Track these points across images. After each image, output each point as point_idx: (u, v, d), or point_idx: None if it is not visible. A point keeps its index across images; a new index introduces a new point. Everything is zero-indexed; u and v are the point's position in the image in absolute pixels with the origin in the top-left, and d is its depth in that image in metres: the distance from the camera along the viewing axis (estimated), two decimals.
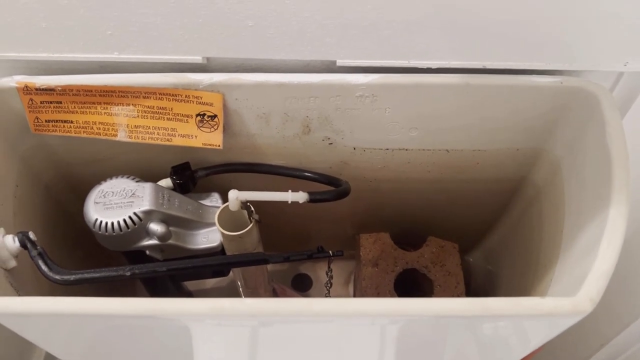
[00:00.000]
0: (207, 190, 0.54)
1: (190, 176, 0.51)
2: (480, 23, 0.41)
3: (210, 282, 0.67)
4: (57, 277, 0.40)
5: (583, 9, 0.39)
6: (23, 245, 0.41)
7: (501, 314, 0.34)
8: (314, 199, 0.46)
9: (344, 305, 0.33)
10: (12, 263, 0.41)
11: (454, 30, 0.42)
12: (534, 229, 0.53)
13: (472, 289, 0.66)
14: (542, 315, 0.34)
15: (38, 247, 0.41)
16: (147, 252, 0.49)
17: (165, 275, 0.43)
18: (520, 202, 0.57)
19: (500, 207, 0.59)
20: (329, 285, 0.54)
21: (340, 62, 0.45)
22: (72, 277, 0.40)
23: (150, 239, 0.48)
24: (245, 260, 0.45)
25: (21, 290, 0.42)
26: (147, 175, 0.50)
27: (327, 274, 0.51)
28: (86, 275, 0.41)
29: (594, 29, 0.41)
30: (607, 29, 0.41)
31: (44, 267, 0.40)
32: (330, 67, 0.46)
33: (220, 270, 0.54)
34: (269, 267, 0.57)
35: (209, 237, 0.51)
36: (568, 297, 0.34)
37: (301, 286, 0.72)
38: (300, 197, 0.46)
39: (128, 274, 0.42)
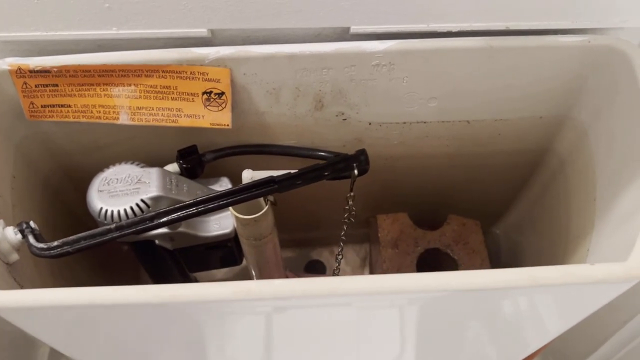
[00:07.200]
0: (215, 175, 0.51)
1: (198, 160, 0.48)
2: None
3: (220, 273, 0.65)
4: (42, 245, 0.37)
5: None
6: (24, 235, 0.38)
7: (550, 283, 0.31)
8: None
9: (381, 282, 0.31)
10: (14, 257, 0.38)
11: None
12: (560, 199, 0.51)
13: (496, 267, 0.63)
14: (593, 282, 0.31)
15: (35, 230, 0.38)
16: (157, 241, 0.46)
17: (162, 225, 0.39)
18: (543, 174, 0.55)
19: (522, 181, 0.57)
20: (339, 257, 0.51)
21: (354, 29, 0.42)
22: (55, 243, 0.37)
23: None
24: (256, 188, 0.41)
25: (25, 285, 0.39)
26: (151, 162, 0.47)
27: (348, 203, 0.44)
28: (70, 239, 0.37)
29: None
30: None
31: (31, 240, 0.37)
32: (343, 36, 0.44)
33: (232, 258, 0.52)
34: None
35: (220, 224, 0.48)
36: (618, 262, 0.32)
37: (314, 273, 0.70)
38: None
39: (113, 227, 0.38)
